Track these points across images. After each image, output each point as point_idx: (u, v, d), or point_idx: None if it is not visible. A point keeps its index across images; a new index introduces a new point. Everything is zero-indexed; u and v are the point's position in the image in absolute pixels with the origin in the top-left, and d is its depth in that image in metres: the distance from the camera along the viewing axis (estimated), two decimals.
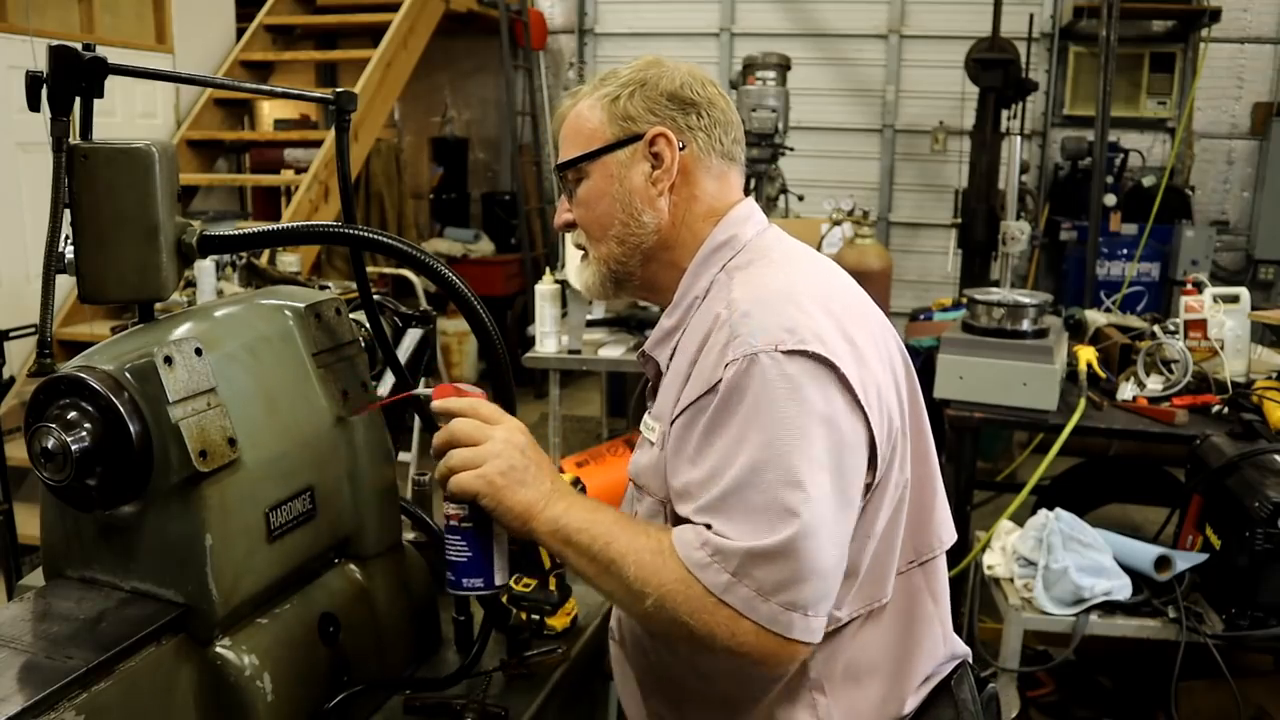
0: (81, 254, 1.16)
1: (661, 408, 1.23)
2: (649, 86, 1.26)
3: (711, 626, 1.06)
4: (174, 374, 1.09)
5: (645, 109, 1.26)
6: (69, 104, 1.13)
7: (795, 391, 1.07)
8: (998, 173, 5.47)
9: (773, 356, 1.08)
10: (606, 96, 1.27)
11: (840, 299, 1.20)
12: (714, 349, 1.13)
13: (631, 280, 1.31)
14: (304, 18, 6.63)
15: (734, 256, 1.25)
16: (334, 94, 1.33)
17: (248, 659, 1.13)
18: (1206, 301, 3.29)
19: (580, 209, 1.29)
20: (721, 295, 1.20)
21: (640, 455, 1.27)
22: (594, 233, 1.29)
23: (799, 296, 1.15)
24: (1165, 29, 6.73)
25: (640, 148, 1.25)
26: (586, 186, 1.28)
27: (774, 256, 1.26)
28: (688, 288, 1.27)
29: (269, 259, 4.46)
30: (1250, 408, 2.96)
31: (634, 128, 1.25)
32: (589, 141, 1.27)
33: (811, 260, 1.28)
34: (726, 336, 1.12)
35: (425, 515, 1.54)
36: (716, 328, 1.15)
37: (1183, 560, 2.50)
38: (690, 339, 1.22)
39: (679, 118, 1.26)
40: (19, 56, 4.35)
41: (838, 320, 1.14)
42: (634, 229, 1.26)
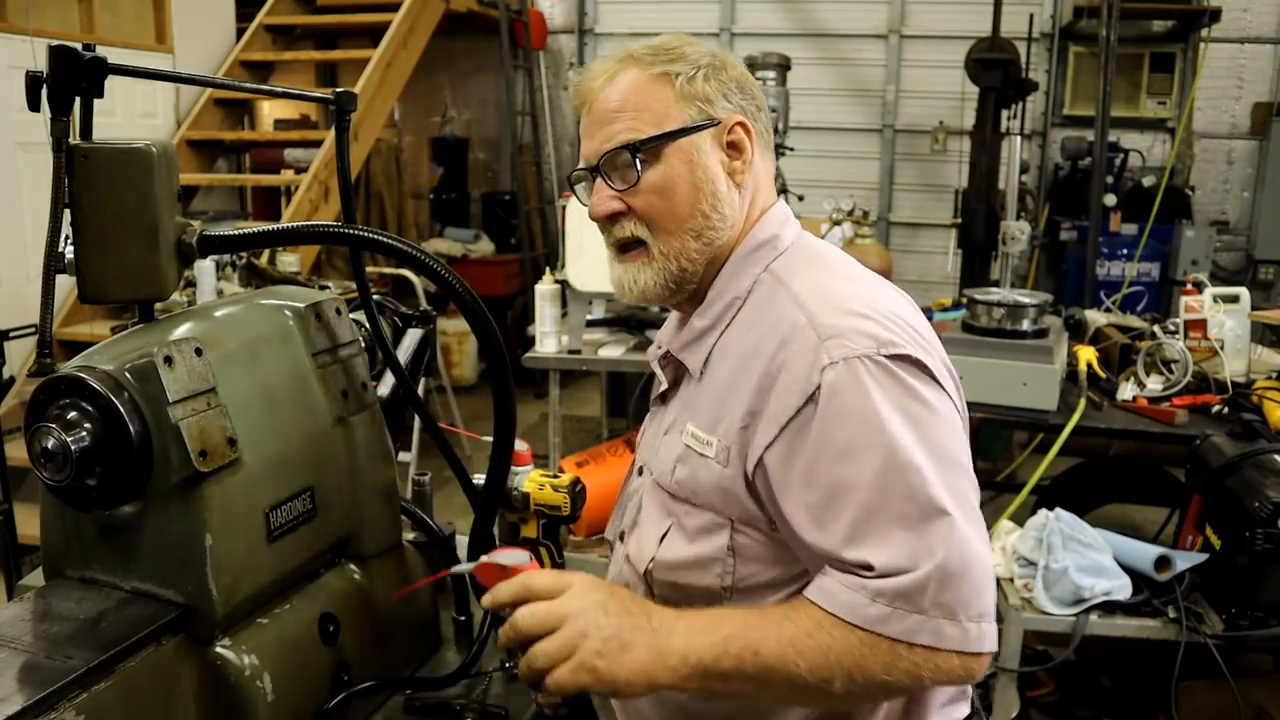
0: (81, 254, 1.16)
1: (710, 417, 1.15)
2: (720, 70, 1.19)
3: (912, 671, 0.99)
4: (174, 374, 1.09)
5: (720, 93, 1.18)
6: (69, 104, 1.13)
7: (907, 391, 1.03)
8: (998, 173, 5.46)
9: (876, 360, 1.03)
10: (677, 74, 1.17)
11: (910, 314, 1.15)
12: (799, 355, 1.06)
13: (688, 283, 1.20)
14: (304, 18, 6.63)
15: (777, 258, 1.19)
16: (334, 94, 1.33)
17: (248, 659, 1.13)
18: (1206, 301, 3.29)
19: (648, 196, 1.17)
20: (780, 298, 1.13)
21: (693, 471, 1.16)
22: (665, 224, 1.17)
23: (880, 305, 1.11)
24: (1165, 29, 6.73)
25: (718, 135, 1.18)
26: (660, 171, 1.16)
27: (830, 262, 1.20)
28: (724, 287, 1.19)
29: (269, 259, 4.45)
30: (1250, 408, 2.96)
31: (711, 112, 1.17)
32: (662, 119, 1.16)
33: (869, 272, 1.22)
34: (813, 341, 1.05)
35: (425, 515, 1.54)
36: (794, 333, 1.07)
37: (1183, 560, 2.50)
38: (736, 343, 1.15)
39: (747, 107, 1.20)
40: (19, 56, 4.35)
41: (919, 334, 1.11)
42: (715, 222, 1.17)
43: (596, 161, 1.19)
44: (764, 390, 1.08)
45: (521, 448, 1.43)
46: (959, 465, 1.04)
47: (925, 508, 0.99)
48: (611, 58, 1.21)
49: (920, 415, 1.03)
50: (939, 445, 1.03)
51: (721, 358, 1.16)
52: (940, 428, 1.04)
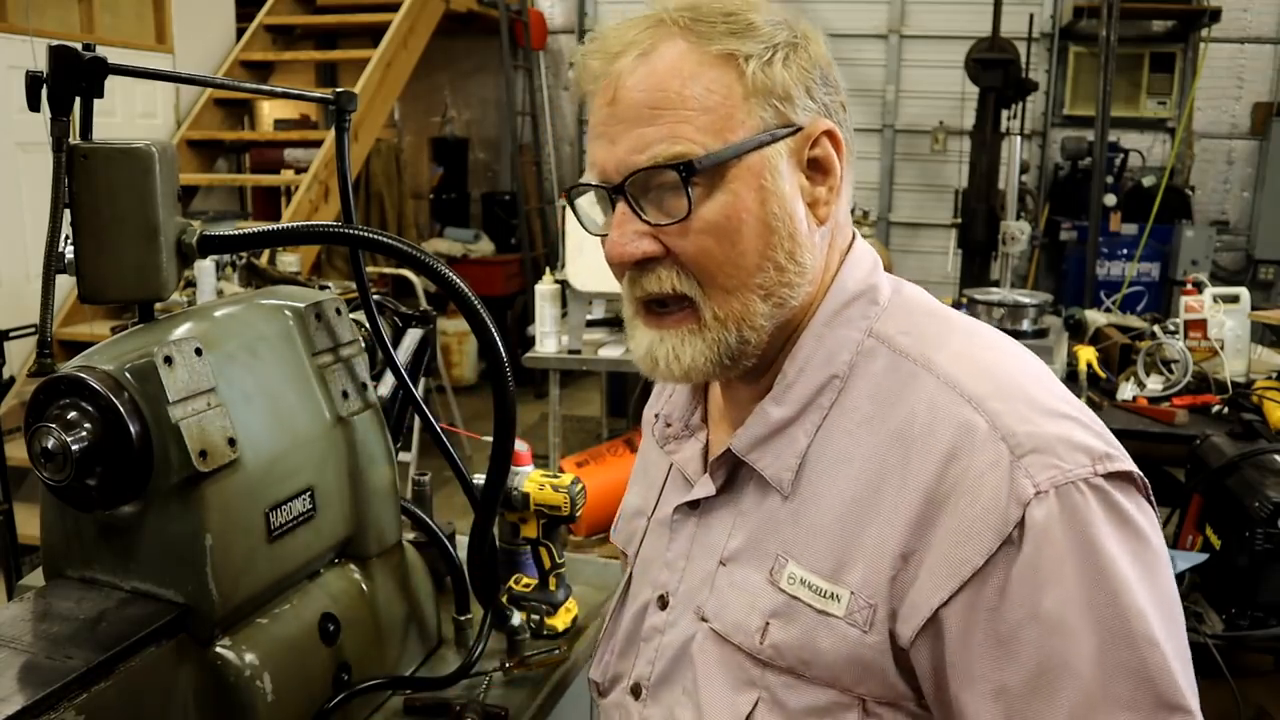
0: (81, 254, 1.16)
1: (832, 557, 0.82)
2: (802, 49, 0.84)
3: None
4: (174, 374, 1.09)
5: (802, 86, 0.83)
6: (69, 104, 1.13)
7: (1129, 526, 0.76)
8: (998, 173, 5.47)
9: (1094, 485, 0.75)
10: (747, 55, 0.81)
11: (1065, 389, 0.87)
12: (985, 476, 0.76)
13: (748, 355, 0.87)
14: (304, 18, 6.63)
15: (881, 316, 0.88)
16: (334, 94, 1.33)
17: (248, 659, 1.13)
18: (1206, 301, 3.29)
19: (702, 238, 0.82)
20: (920, 384, 0.82)
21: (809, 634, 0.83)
22: (724, 278, 0.83)
23: (1053, 389, 0.83)
24: (1165, 29, 6.73)
25: (798, 150, 0.83)
26: (721, 202, 0.81)
27: (952, 324, 0.89)
28: (810, 360, 0.86)
29: (269, 259, 4.45)
30: (1250, 408, 2.96)
31: (791, 114, 0.82)
32: (725, 125, 0.80)
33: (989, 328, 0.93)
34: (1004, 456, 0.76)
35: (425, 515, 1.54)
36: (968, 441, 0.77)
37: (1182, 560, 2.50)
38: (851, 446, 0.83)
39: (833, 105, 0.86)
40: (19, 56, 4.35)
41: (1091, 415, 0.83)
42: (791, 276, 0.84)
43: (621, 180, 0.82)
44: (925, 522, 0.77)
45: (521, 448, 1.43)
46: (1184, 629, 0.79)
47: (1163, 697, 0.73)
48: (637, 20, 0.84)
49: (1149, 561, 0.77)
50: (1171, 605, 0.77)
51: (829, 467, 0.84)
52: (1166, 575, 0.78)
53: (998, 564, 0.75)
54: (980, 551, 0.75)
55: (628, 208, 0.83)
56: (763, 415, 0.87)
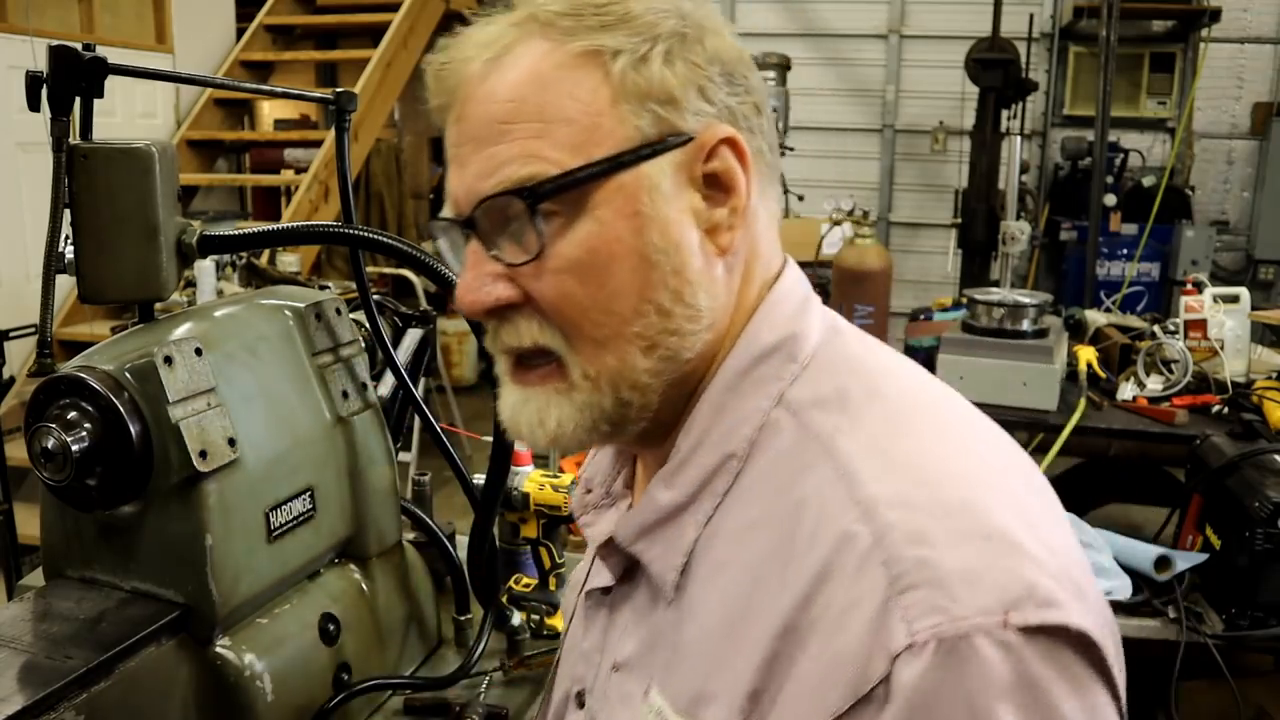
0: (81, 254, 1.16)
1: (693, 685, 0.64)
2: (693, 43, 0.67)
3: None
4: (174, 374, 1.09)
5: (692, 85, 0.66)
6: (69, 104, 1.13)
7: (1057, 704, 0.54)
8: (998, 173, 5.47)
9: (1001, 642, 0.54)
10: (616, 51, 0.65)
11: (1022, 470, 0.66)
12: (850, 609, 0.56)
13: (636, 420, 0.70)
14: (304, 18, 6.63)
15: (798, 378, 0.68)
16: (334, 94, 1.33)
17: (248, 659, 1.13)
18: (1206, 301, 3.29)
19: (561, 279, 0.66)
20: (816, 473, 0.62)
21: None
22: (592, 327, 0.67)
23: (994, 495, 0.60)
24: (1165, 29, 6.74)
25: (687, 163, 0.66)
26: (584, 233, 0.65)
27: (892, 391, 0.67)
28: (705, 432, 0.68)
29: (269, 259, 4.46)
30: (1250, 408, 2.96)
31: (677, 120, 0.66)
32: (586, 136, 0.65)
33: (954, 398, 0.70)
34: (881, 586, 0.56)
35: (425, 515, 1.54)
36: (843, 557, 0.58)
37: (1183, 560, 2.50)
38: (737, 548, 0.65)
39: (740, 108, 0.68)
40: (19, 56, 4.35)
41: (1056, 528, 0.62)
42: (680, 322, 0.67)
43: (470, 210, 0.67)
44: (781, 659, 0.59)
45: (521, 448, 1.43)
46: None
47: None
48: (497, 18, 0.70)
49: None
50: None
51: (711, 573, 0.66)
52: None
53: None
54: (828, 708, 0.56)
55: (479, 245, 0.68)
56: (650, 499, 0.70)
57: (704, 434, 0.68)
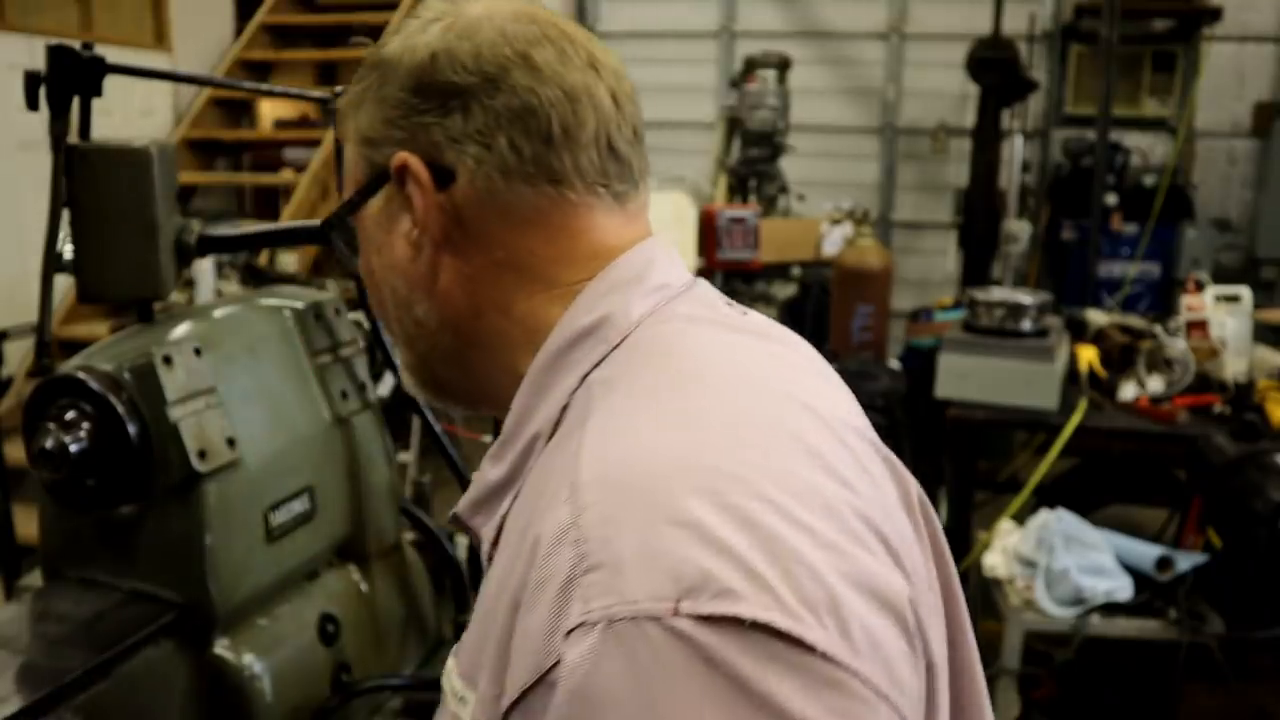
0: (80, 254, 1.16)
1: (471, 657, 0.67)
2: (388, 74, 0.74)
3: None
4: (173, 374, 1.08)
5: (384, 120, 0.73)
6: (68, 103, 1.13)
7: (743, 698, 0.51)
8: (998, 173, 5.47)
9: (671, 628, 0.52)
10: (348, 101, 0.77)
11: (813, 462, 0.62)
12: (545, 584, 0.57)
13: (453, 393, 0.81)
14: (304, 18, 6.63)
15: (606, 356, 0.69)
16: (334, 94, 1.33)
17: (247, 659, 1.13)
18: (1208, 301, 3.28)
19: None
20: (568, 451, 0.64)
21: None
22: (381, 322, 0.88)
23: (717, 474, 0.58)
24: (1166, 28, 6.73)
25: (391, 191, 0.74)
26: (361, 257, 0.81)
27: (674, 368, 0.67)
28: (523, 413, 0.72)
29: (269, 259, 4.46)
30: (1252, 408, 2.96)
31: (378, 157, 0.74)
32: (348, 184, 0.79)
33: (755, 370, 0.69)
34: (568, 564, 0.56)
35: (425, 515, 1.54)
36: (547, 532, 0.59)
37: (1184, 560, 2.49)
38: (518, 519, 0.68)
39: (434, 125, 0.72)
40: (18, 56, 4.35)
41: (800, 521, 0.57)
42: (411, 328, 0.77)
43: None
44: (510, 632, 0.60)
45: None
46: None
47: None
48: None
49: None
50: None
51: (505, 543, 0.69)
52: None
53: (536, 707, 0.55)
54: (517, 684, 0.56)
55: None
56: (481, 475, 0.75)
57: (523, 413, 0.72)
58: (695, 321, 0.72)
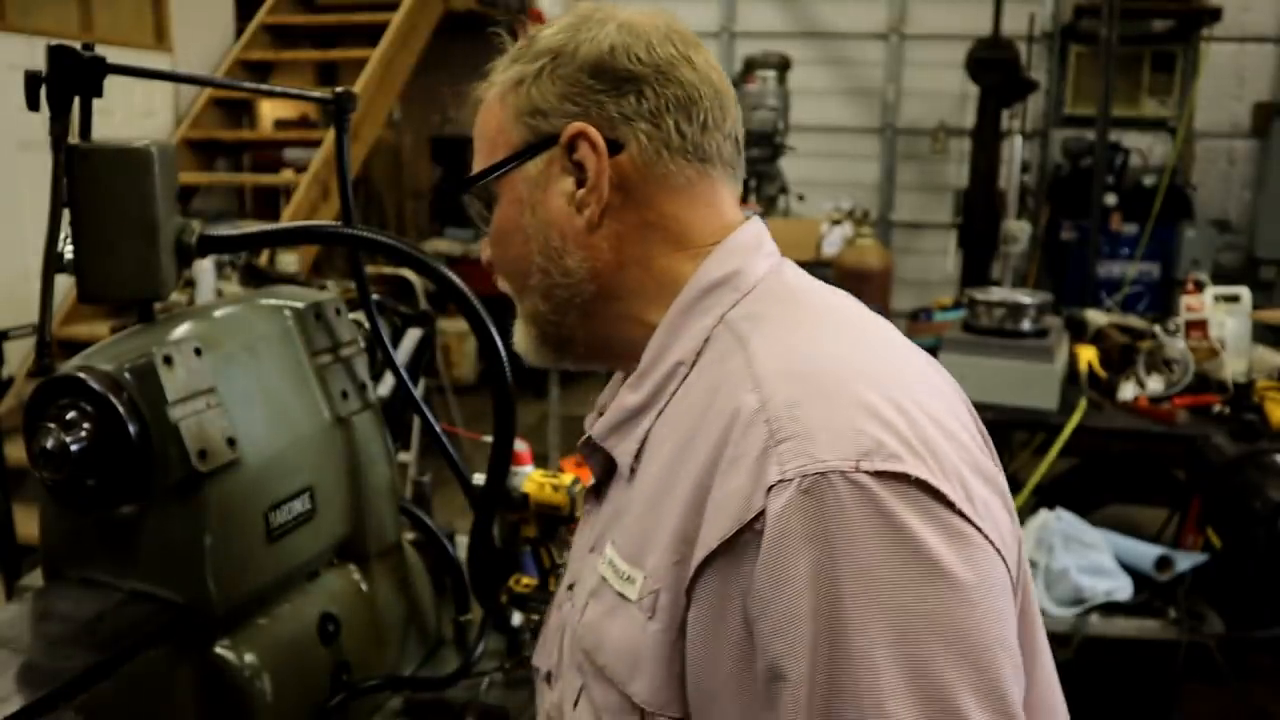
0: (81, 254, 1.16)
1: (637, 538, 0.80)
2: (564, 59, 0.87)
3: None
4: (173, 374, 1.08)
5: (559, 95, 0.86)
6: (68, 103, 1.13)
7: (905, 539, 0.67)
8: (998, 173, 5.47)
9: (852, 480, 0.67)
10: (511, 80, 0.89)
11: (938, 401, 0.79)
12: (741, 459, 0.72)
13: (573, 345, 0.92)
14: (304, 18, 6.63)
15: (739, 302, 0.85)
16: (334, 94, 1.33)
17: (248, 659, 1.13)
18: (1207, 301, 3.28)
19: (493, 247, 0.94)
20: (732, 365, 0.79)
21: (604, 616, 0.82)
22: (512, 282, 0.93)
23: (873, 376, 0.75)
24: (1166, 28, 6.73)
25: (557, 156, 0.87)
26: (497, 216, 0.92)
27: (810, 306, 0.85)
28: (663, 348, 0.85)
29: (269, 259, 4.46)
30: (1251, 408, 2.96)
31: (545, 126, 0.87)
32: (491, 150, 0.90)
33: (868, 317, 0.87)
34: (761, 439, 0.71)
35: (425, 515, 1.54)
36: (738, 423, 0.73)
37: (1184, 560, 2.50)
38: (674, 428, 0.81)
39: (609, 103, 0.85)
40: (18, 56, 4.35)
41: (945, 437, 0.74)
42: (557, 278, 0.88)
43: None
44: (698, 505, 0.74)
45: (521, 448, 1.43)
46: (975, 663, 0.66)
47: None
48: (498, 61, 0.94)
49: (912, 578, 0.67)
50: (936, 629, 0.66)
51: (657, 450, 0.83)
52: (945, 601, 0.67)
53: (743, 553, 0.70)
54: (717, 535, 0.71)
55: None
56: (619, 402, 0.89)
57: (661, 349, 0.86)
58: (799, 274, 0.90)
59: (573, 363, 0.95)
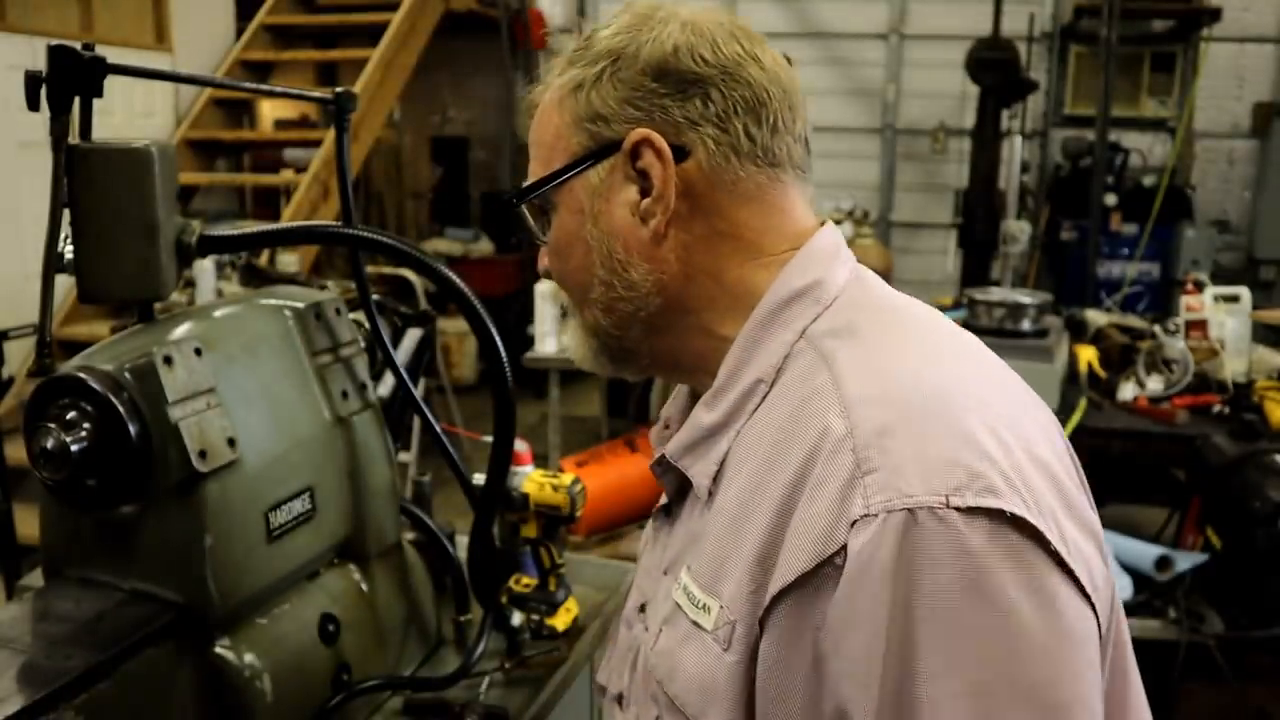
0: (81, 254, 1.16)
1: (713, 565, 0.77)
2: (625, 61, 0.82)
3: None
4: (173, 374, 1.08)
5: (621, 100, 0.82)
6: (68, 104, 1.13)
7: (987, 590, 0.63)
8: (998, 173, 5.46)
9: (941, 517, 0.64)
10: (570, 83, 0.84)
11: (1019, 403, 0.77)
12: (824, 486, 0.68)
13: (636, 358, 0.89)
14: (304, 18, 6.63)
15: (821, 315, 0.80)
16: (334, 94, 1.33)
17: (247, 659, 1.13)
18: (1207, 301, 3.29)
19: (552, 258, 0.89)
20: (816, 383, 0.75)
21: (678, 646, 0.79)
22: (573, 294, 0.89)
23: (969, 400, 0.71)
24: (1165, 28, 6.73)
25: (620, 164, 0.82)
26: (556, 223, 0.87)
27: (897, 321, 0.80)
28: (741, 364, 0.81)
29: (269, 259, 4.46)
30: (1251, 408, 2.96)
31: (607, 132, 0.82)
32: (549, 157, 0.86)
33: (958, 333, 0.83)
34: (848, 467, 0.68)
35: (425, 515, 1.54)
36: (824, 447, 0.70)
37: (1183, 560, 2.49)
38: (754, 450, 0.77)
39: (674, 107, 0.81)
40: (18, 56, 4.35)
41: (1042, 470, 0.70)
42: (621, 291, 0.84)
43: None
44: (778, 532, 0.71)
45: (521, 448, 1.43)
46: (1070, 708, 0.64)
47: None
48: (555, 62, 0.89)
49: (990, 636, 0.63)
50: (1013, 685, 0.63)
51: (736, 472, 0.79)
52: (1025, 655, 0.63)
53: (820, 588, 0.67)
54: (796, 567, 0.68)
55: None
56: (694, 420, 0.84)
57: (739, 365, 0.81)
58: (880, 284, 0.85)
59: (633, 373, 0.92)
